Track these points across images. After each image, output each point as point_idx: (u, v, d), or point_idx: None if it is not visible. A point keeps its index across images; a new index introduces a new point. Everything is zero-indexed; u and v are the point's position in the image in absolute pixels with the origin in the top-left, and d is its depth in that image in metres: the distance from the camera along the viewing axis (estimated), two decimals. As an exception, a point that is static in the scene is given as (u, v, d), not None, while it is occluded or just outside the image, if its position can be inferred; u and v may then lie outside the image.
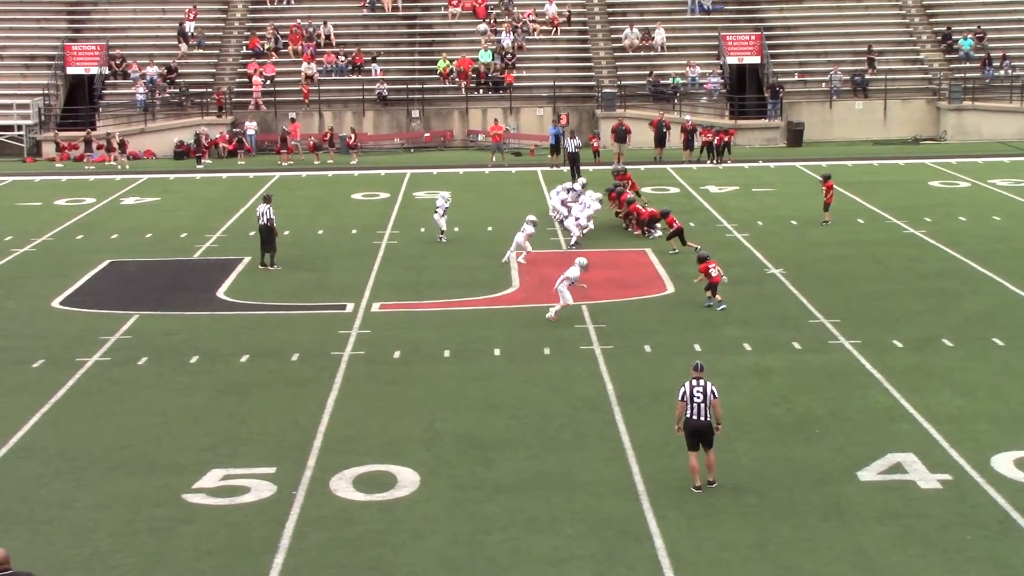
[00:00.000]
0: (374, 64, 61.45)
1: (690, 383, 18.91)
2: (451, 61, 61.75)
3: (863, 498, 18.69)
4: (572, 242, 36.76)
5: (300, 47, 62.45)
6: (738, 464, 20.05)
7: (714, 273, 29.55)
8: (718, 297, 29.42)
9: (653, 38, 63.28)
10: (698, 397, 18.76)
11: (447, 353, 26.49)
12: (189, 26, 63.21)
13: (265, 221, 34.37)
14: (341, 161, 55.12)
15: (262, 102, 59.86)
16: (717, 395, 18.95)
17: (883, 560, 16.69)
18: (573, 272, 29.06)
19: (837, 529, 17.59)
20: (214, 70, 62.34)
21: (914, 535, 17.42)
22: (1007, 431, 21.30)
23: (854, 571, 16.41)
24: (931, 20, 65.02)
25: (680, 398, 18.89)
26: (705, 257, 30.13)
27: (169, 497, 19.17)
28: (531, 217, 35.87)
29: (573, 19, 65.06)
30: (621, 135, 53.88)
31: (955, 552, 16.88)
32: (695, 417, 18.76)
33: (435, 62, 62.10)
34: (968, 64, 61.90)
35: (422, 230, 38.98)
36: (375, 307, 30.44)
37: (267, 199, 35.31)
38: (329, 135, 56.25)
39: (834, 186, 39.96)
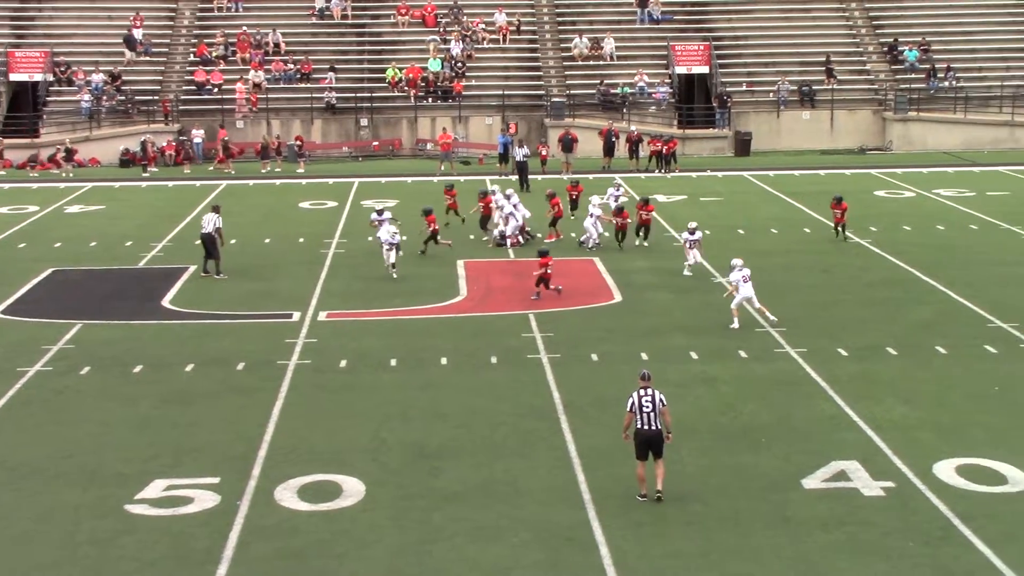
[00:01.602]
0: (331, 72, 61.25)
1: (638, 393, 18.77)
2: (400, 70, 61.65)
3: (808, 506, 18.77)
4: (589, 245, 37.70)
5: (248, 55, 62.18)
6: (684, 472, 20.08)
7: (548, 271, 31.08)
8: (549, 289, 31.20)
9: (602, 47, 63.44)
10: (647, 406, 18.62)
11: (394, 362, 26.41)
12: (136, 33, 62.76)
13: (211, 230, 34.17)
14: (288, 169, 54.90)
15: (247, 110, 59.57)
16: (666, 403, 18.85)
17: (827, 567, 16.76)
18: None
19: (782, 537, 17.65)
20: (161, 77, 61.96)
21: (857, 542, 17.51)
22: (949, 439, 21.46)
23: (798, 579, 16.47)
24: (877, 32, 65.55)
25: (629, 408, 18.74)
26: (545, 252, 31.43)
27: (111, 508, 19.00)
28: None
29: (523, 28, 65.14)
30: (567, 144, 53.89)
31: (898, 559, 16.98)
32: (645, 427, 18.61)
33: (384, 71, 62.00)
34: (913, 75, 62.45)
35: (369, 239, 38.82)
36: (322, 316, 30.31)
37: (215, 208, 35.14)
38: (277, 143, 55.99)
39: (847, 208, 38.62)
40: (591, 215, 37.74)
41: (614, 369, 25.69)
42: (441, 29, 64.51)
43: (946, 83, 61.69)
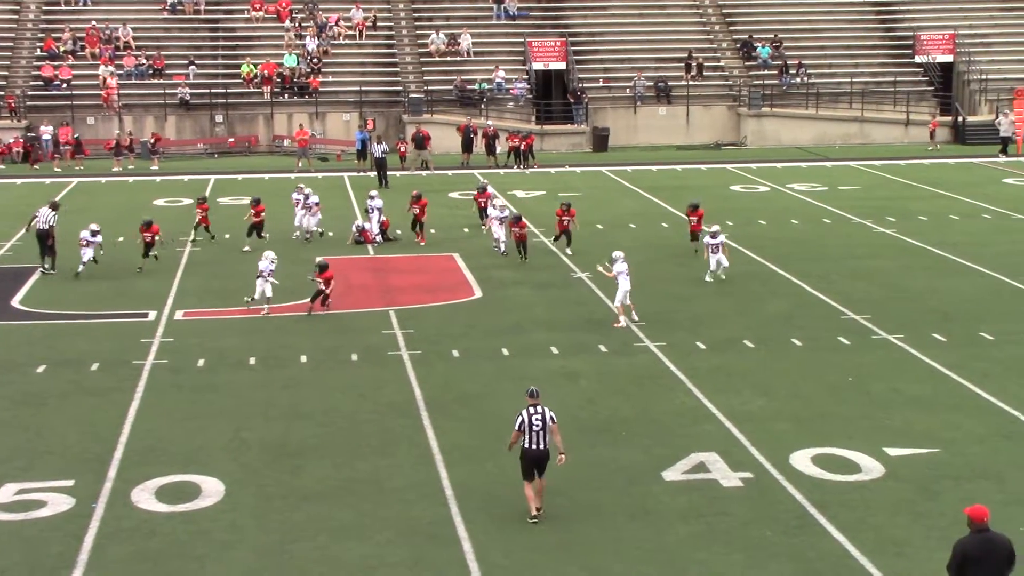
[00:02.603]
0: (192, 67, 60.33)
1: (527, 411, 17.72)
2: (255, 65, 60.98)
3: (668, 498, 18.94)
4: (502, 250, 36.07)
5: (98, 50, 60.97)
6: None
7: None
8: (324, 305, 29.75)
9: (459, 43, 63.47)
10: (537, 425, 17.63)
11: (253, 361, 26.10)
12: (-20, 27, 61.25)
13: (44, 225, 33.54)
14: (142, 166, 53.94)
15: (116, 104, 58.38)
16: (556, 421, 17.89)
17: (686, 558, 16.92)
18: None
19: (643, 529, 17.78)
20: (6, 72, 60.45)
21: (716, 533, 17.72)
22: (805, 429, 21.82)
23: (659, 570, 16.60)
24: (731, 28, 66.56)
25: (517, 427, 17.70)
26: (324, 266, 29.94)
27: (-39, 514, 18.46)
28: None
29: (379, 24, 64.88)
30: (419, 142, 53.79)
31: (755, 548, 17.21)
32: (534, 446, 17.67)
33: (239, 66, 61.26)
34: (766, 72, 63.54)
35: (227, 236, 38.34)
36: (178, 315, 29.84)
37: (54, 206, 34.47)
38: (129, 140, 54.98)
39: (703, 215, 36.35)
40: (494, 219, 36.94)
41: (476, 365, 25.69)
42: (296, 24, 63.96)
43: (798, 79, 62.88)
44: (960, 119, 62.01)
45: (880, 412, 22.68)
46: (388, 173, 49.74)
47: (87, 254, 33.30)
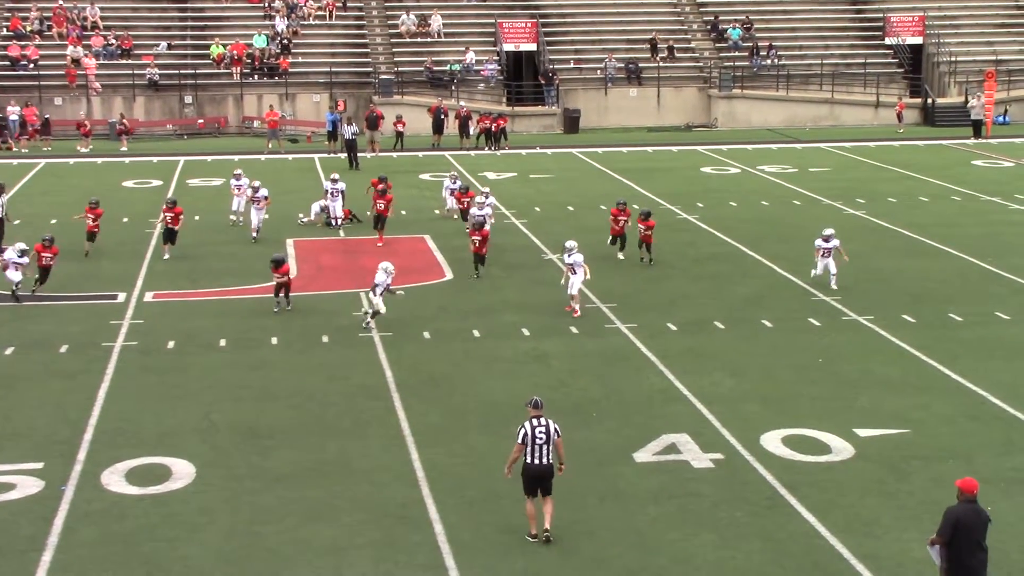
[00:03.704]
0: (164, 44, 59.89)
1: (530, 423, 16.59)
2: (224, 46, 60.66)
3: (639, 479, 18.97)
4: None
5: (65, 29, 60.53)
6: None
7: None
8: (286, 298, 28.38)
9: (430, 24, 63.28)
10: (540, 438, 16.50)
11: (223, 342, 26.01)
12: (-54, 6, 60.73)
13: None
14: (111, 148, 53.64)
15: (95, 85, 58.00)
16: (560, 433, 16.81)
17: (658, 539, 16.96)
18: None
19: (614, 510, 17.81)
20: (-27, 53, 60.04)
21: (687, 514, 17.76)
22: (775, 410, 21.89)
23: (630, 551, 16.64)
24: (701, 10, 66.56)
25: (520, 440, 16.54)
26: (281, 260, 28.49)
27: (-71, 497, 18.36)
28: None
29: (349, 4, 64.61)
30: (372, 122, 53.57)
31: (726, 528, 17.27)
32: (537, 461, 16.56)
33: (208, 47, 60.93)
34: (737, 53, 63.58)
35: (196, 218, 38.16)
36: (148, 297, 29.70)
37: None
38: (88, 124, 54.56)
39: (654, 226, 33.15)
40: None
41: (446, 347, 25.67)
42: (266, 5, 63.63)
43: (768, 61, 62.93)
44: (930, 101, 62.18)
45: (850, 393, 22.78)
46: (359, 155, 49.56)
47: (14, 276, 28.94)
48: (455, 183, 38.76)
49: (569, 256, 28.01)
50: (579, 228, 37.23)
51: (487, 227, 32.00)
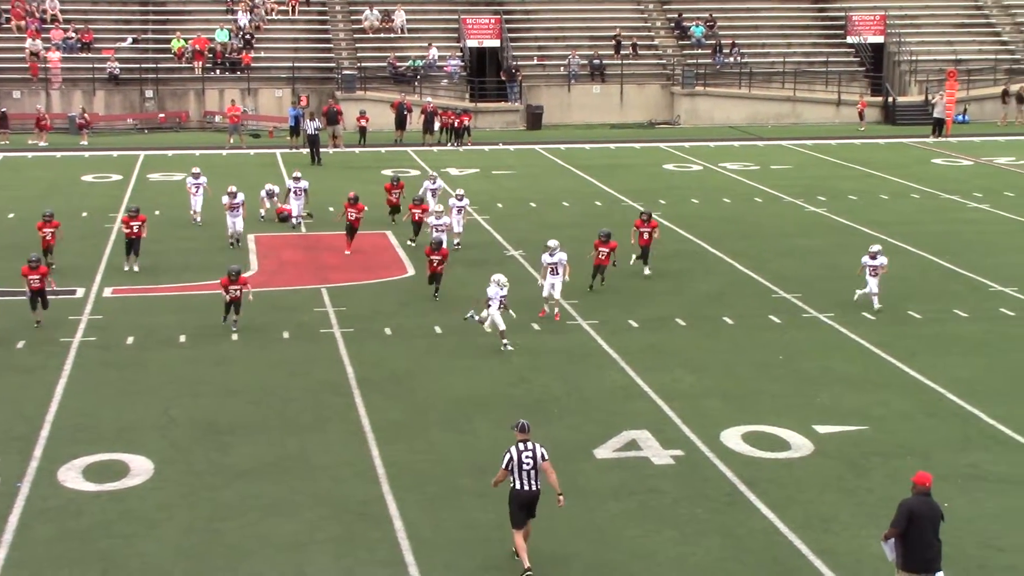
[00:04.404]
0: (128, 40, 59.44)
1: (516, 448, 15.79)
2: (186, 40, 60.32)
3: (599, 475, 18.99)
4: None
5: (24, 22, 60.06)
6: (478, 445, 20.13)
7: None
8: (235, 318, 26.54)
9: (393, 20, 63.13)
10: (527, 463, 15.71)
11: (183, 338, 25.87)
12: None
13: None
14: (70, 142, 53.27)
15: (58, 78, 57.56)
16: (547, 457, 15.93)
17: (618, 535, 16.99)
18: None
19: (574, 506, 17.78)
20: (-68, 45, 59.50)
21: (648, 510, 17.79)
22: (735, 407, 21.95)
23: (590, 547, 16.65)
24: (664, 7, 66.65)
25: (505, 466, 15.79)
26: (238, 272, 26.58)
27: None
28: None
29: (312, 0, 64.38)
30: (332, 117, 53.40)
31: (686, 524, 17.31)
32: (525, 487, 15.73)
33: (169, 41, 60.59)
34: (700, 51, 63.71)
35: (157, 213, 37.93)
36: (107, 292, 29.52)
37: None
38: (46, 117, 54.14)
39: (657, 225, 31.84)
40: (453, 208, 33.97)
41: (408, 343, 25.62)
42: (229, -1, 63.40)
43: (731, 59, 63.09)
44: (891, 100, 62.49)
45: (810, 390, 22.87)
46: (321, 150, 49.41)
47: None
48: (435, 183, 37.30)
49: (552, 255, 27.20)
50: (542, 224, 37.26)
51: (453, 240, 31.44)
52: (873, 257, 28.10)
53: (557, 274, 27.22)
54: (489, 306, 25.16)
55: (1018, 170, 48.23)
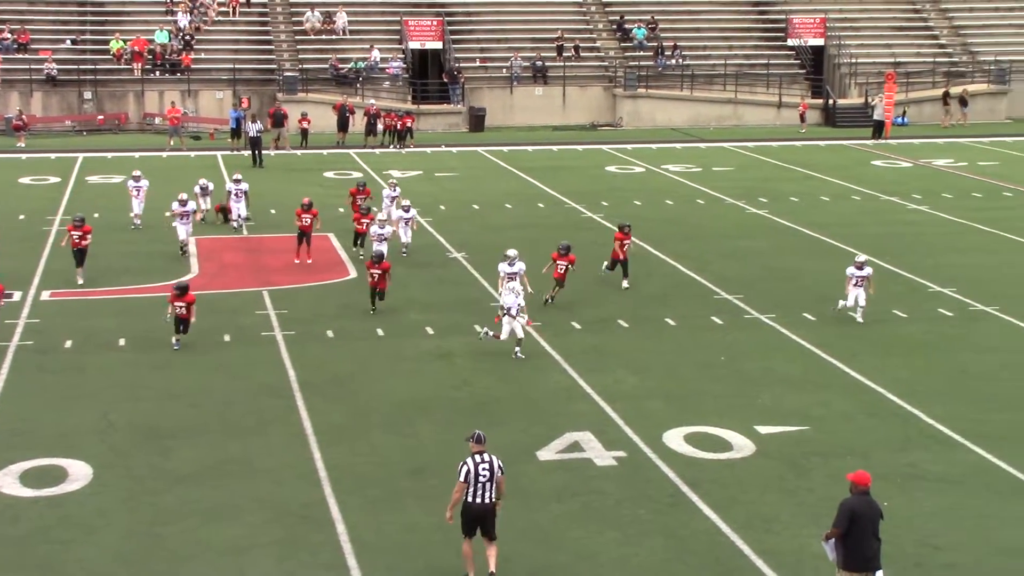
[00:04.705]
0: (69, 41, 58.80)
1: (473, 459, 15.44)
2: (125, 42, 59.83)
3: (542, 477, 18.99)
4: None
5: (-41, 24, 59.42)
6: (421, 448, 20.09)
7: None
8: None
9: (335, 21, 62.92)
10: (484, 475, 15.39)
11: (123, 342, 25.64)
12: None
13: None
14: (7, 144, 52.71)
15: None
16: (504, 471, 15.74)
17: (561, 536, 16.98)
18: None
19: (517, 508, 17.76)
20: None
21: (591, 511, 17.80)
22: (678, 408, 22.01)
23: (534, 549, 16.64)
24: (607, 10, 66.83)
25: (462, 478, 15.37)
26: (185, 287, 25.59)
27: None
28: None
29: (253, 1, 64.04)
30: (278, 119, 53.21)
31: (629, 526, 17.33)
32: (478, 500, 15.44)
33: (108, 42, 60.06)
34: (642, 53, 63.92)
35: (96, 215, 37.57)
36: (45, 295, 29.21)
37: None
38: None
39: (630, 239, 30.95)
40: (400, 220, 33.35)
41: (350, 346, 25.52)
42: (168, 0, 62.89)
43: (673, 61, 63.33)
44: (831, 102, 62.97)
45: (751, 391, 22.98)
46: (263, 152, 49.16)
47: None
48: (395, 191, 36.35)
49: (512, 265, 26.56)
50: (484, 227, 37.27)
51: (400, 249, 31.05)
52: (860, 268, 27.27)
53: (514, 281, 26.39)
54: (506, 315, 24.69)
55: (956, 172, 48.73)
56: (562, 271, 28.19)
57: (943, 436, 20.82)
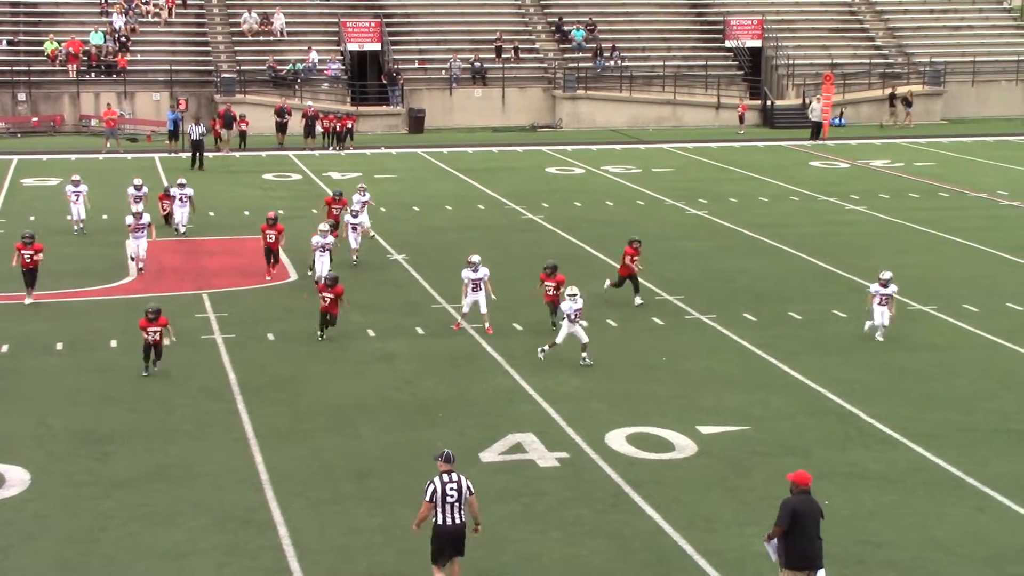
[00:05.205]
0: (4, 41, 58.29)
1: (440, 478, 14.83)
2: (59, 43, 59.22)
3: (485, 478, 18.92)
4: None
5: None
6: (363, 450, 20.02)
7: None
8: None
9: (272, 23, 62.62)
10: (452, 496, 14.76)
11: (60, 346, 25.38)
12: None
13: None
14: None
15: None
16: (473, 491, 15.12)
17: (503, 538, 16.95)
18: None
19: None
20: None
21: (533, 512, 17.80)
22: (620, 408, 22.06)
23: (477, 550, 16.51)
24: (545, 11, 66.93)
25: (428, 498, 14.79)
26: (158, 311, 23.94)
27: None
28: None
29: (189, 2, 63.61)
30: (228, 121, 52.98)
31: (572, 527, 17.34)
32: (449, 522, 14.78)
33: (42, 43, 59.43)
34: (581, 55, 64.06)
35: (32, 218, 37.20)
36: (-20, 299, 28.89)
37: None
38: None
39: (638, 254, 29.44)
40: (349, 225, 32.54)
41: (291, 348, 25.39)
42: (102, 1, 62.32)
43: (612, 63, 63.52)
44: (769, 103, 63.39)
45: (692, 391, 23.06)
46: (204, 154, 48.82)
47: None
48: (365, 195, 35.07)
49: (476, 271, 26.22)
50: (425, 228, 37.21)
51: (351, 257, 30.54)
52: (884, 285, 26.03)
53: (480, 290, 26.33)
54: (564, 320, 24.38)
55: (893, 172, 49.18)
56: (552, 293, 26.63)
57: (883, 435, 20.99)
